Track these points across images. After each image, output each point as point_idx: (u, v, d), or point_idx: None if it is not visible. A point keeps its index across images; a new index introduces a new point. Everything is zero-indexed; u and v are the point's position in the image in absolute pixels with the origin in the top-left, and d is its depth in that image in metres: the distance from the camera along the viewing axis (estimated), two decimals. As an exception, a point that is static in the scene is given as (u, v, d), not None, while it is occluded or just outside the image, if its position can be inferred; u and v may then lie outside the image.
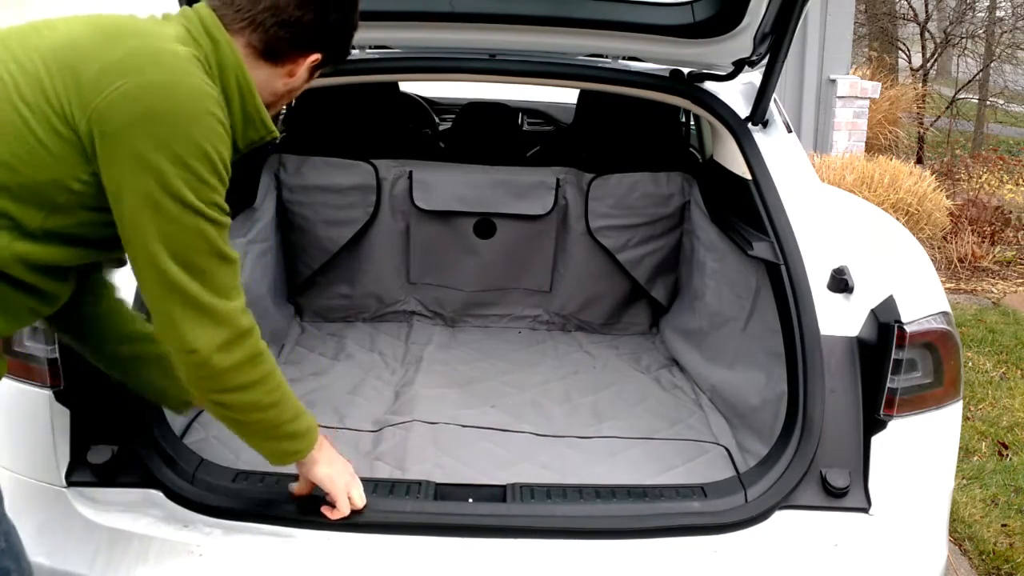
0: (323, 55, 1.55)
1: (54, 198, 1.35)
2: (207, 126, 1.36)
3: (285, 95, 1.58)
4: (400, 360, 2.90)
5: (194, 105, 1.35)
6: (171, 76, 1.35)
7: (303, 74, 1.56)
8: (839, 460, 1.87)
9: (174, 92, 1.34)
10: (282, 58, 1.52)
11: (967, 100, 12.26)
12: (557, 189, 3.18)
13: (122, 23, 1.41)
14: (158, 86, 1.33)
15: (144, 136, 1.31)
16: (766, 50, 2.31)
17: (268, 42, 1.49)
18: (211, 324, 1.41)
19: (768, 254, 2.16)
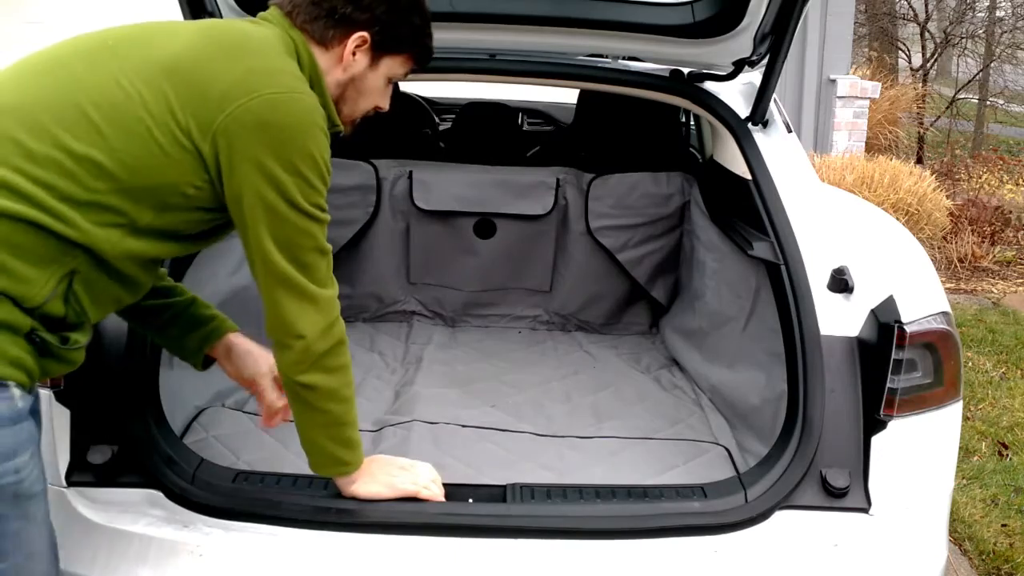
0: (371, 36, 1.56)
1: (166, 199, 1.45)
2: (316, 137, 1.47)
3: (350, 86, 1.61)
4: (400, 360, 2.90)
5: (306, 119, 1.46)
6: (286, 94, 1.45)
7: (360, 60, 1.58)
8: (839, 460, 1.87)
9: (289, 108, 1.44)
10: (327, 40, 1.56)
11: (967, 100, 12.26)
12: (557, 189, 3.18)
13: (237, 39, 1.50)
14: (276, 104, 1.43)
15: (264, 147, 1.43)
16: (766, 50, 2.31)
17: (311, 22, 1.55)
18: (314, 311, 1.53)
19: (768, 254, 2.16)
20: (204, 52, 1.46)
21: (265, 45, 1.50)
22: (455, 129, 3.60)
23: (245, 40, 1.50)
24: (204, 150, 1.43)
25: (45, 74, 1.44)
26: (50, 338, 1.39)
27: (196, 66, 1.43)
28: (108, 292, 1.48)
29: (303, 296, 1.53)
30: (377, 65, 1.61)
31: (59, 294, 1.38)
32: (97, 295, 1.45)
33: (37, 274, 1.36)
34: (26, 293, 1.35)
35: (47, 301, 1.37)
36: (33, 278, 1.35)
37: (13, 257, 1.34)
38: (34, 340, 1.37)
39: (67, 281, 1.39)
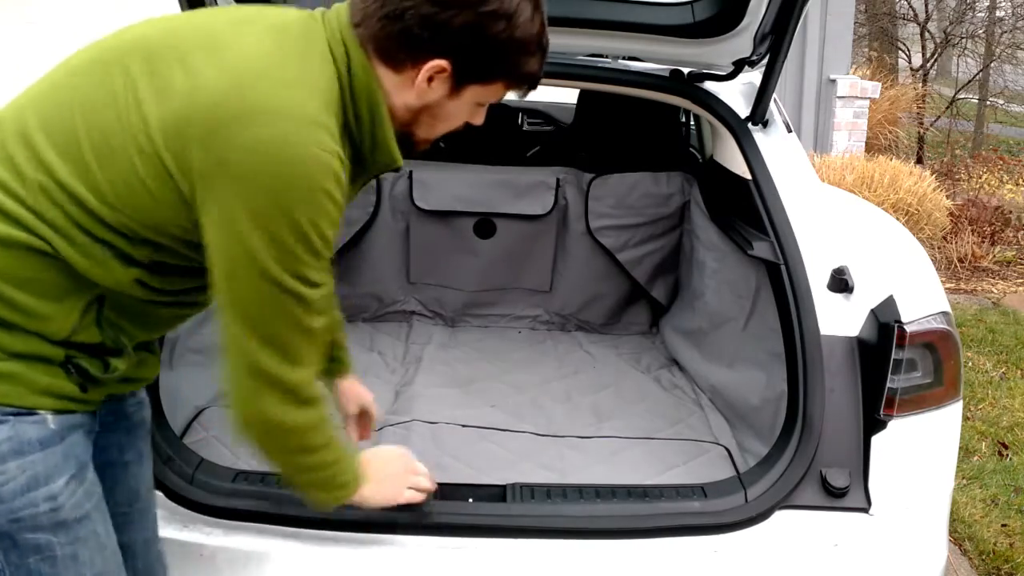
0: (451, 65, 1.29)
1: (158, 239, 1.28)
2: (314, 202, 1.22)
3: (424, 112, 1.36)
4: (400, 360, 2.90)
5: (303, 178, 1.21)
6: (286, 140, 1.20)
7: (438, 88, 1.32)
8: (839, 460, 1.87)
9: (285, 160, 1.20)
10: (397, 62, 1.30)
11: (967, 100, 12.26)
12: (557, 189, 3.18)
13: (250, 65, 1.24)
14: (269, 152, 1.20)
15: (240, 201, 1.21)
16: (766, 50, 2.31)
17: (378, 39, 1.29)
18: (275, 392, 1.32)
19: (768, 254, 2.16)
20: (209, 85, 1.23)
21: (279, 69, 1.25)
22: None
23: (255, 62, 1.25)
24: (184, 189, 1.23)
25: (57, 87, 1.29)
26: (90, 365, 1.29)
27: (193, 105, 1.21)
28: (154, 314, 1.36)
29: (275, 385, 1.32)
30: (460, 94, 1.35)
31: (89, 323, 1.28)
32: (139, 317, 1.34)
33: (53, 310, 1.25)
34: (47, 329, 1.25)
35: (75, 332, 1.27)
36: (50, 314, 1.25)
37: (21, 292, 1.23)
38: (71, 369, 1.28)
39: (95, 308, 1.29)
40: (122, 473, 1.50)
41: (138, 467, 1.52)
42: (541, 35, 1.34)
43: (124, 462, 1.51)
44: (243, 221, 1.21)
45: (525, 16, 1.29)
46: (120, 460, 1.50)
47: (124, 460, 1.51)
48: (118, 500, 1.48)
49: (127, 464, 1.51)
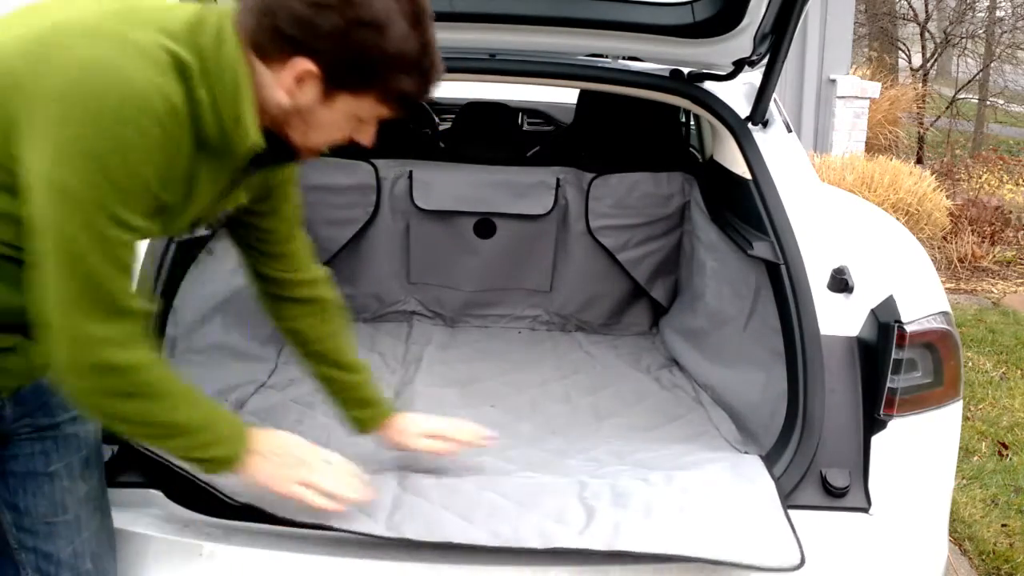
0: (318, 67, 1.27)
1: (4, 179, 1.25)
2: (121, 134, 1.19)
3: (295, 115, 1.34)
4: (400, 360, 2.90)
5: (119, 105, 1.18)
6: (109, 62, 1.19)
7: (308, 92, 1.30)
8: (839, 460, 1.87)
9: (102, 78, 1.18)
10: (267, 55, 1.29)
11: (967, 100, 12.26)
12: (557, 189, 3.18)
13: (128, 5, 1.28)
14: (88, 64, 1.18)
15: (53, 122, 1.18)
16: (766, 50, 2.32)
17: (252, 31, 1.28)
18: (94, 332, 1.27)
19: (768, 254, 2.16)
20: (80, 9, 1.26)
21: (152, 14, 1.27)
22: (455, 129, 3.60)
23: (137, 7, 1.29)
24: (10, 112, 1.20)
25: None
26: None
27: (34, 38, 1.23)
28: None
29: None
30: (331, 102, 1.32)
31: None
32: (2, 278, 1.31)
33: None
34: None
35: None
36: None
37: None
38: None
39: None
40: (47, 484, 1.49)
41: (68, 480, 1.49)
42: (422, 56, 1.31)
43: (49, 473, 1.49)
44: (53, 144, 1.18)
45: (399, 31, 1.27)
46: (44, 471, 1.49)
47: (49, 471, 1.49)
48: (41, 511, 1.49)
49: (52, 475, 1.50)
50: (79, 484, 1.52)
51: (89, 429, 1.55)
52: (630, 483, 1.81)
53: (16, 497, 1.49)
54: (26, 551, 1.51)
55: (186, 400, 1.41)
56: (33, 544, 1.51)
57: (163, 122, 1.22)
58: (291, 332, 1.81)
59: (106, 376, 1.29)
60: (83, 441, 1.54)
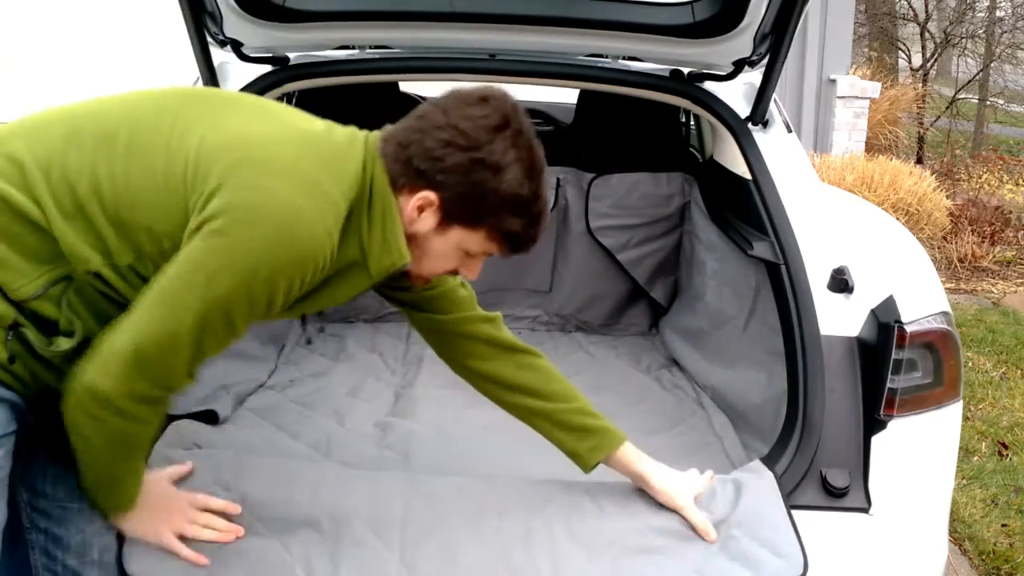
0: (439, 199, 1.43)
1: (144, 247, 1.38)
2: (284, 270, 1.34)
3: (413, 242, 1.48)
4: (400, 361, 2.90)
5: (293, 246, 1.33)
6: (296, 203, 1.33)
7: (426, 220, 1.45)
8: (839, 460, 1.87)
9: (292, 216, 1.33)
10: (397, 185, 1.45)
11: (967, 100, 12.25)
12: (557, 189, 3.18)
13: (325, 148, 1.43)
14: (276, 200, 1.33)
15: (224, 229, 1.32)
16: (766, 50, 2.32)
17: (389, 160, 1.45)
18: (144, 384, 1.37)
19: (768, 254, 2.16)
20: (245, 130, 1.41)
21: (305, 144, 1.42)
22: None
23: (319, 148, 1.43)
24: (189, 202, 1.35)
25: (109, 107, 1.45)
26: (33, 335, 1.37)
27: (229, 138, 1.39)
28: (110, 312, 1.41)
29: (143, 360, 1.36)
30: (445, 232, 1.48)
31: (52, 296, 1.37)
32: (98, 310, 1.41)
33: (29, 268, 1.35)
34: (13, 283, 1.34)
35: (35, 297, 1.36)
36: (24, 270, 1.35)
37: (7, 246, 1.34)
38: (16, 331, 1.36)
39: (62, 286, 1.37)
40: (70, 470, 1.52)
41: None
42: (532, 201, 1.45)
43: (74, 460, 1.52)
44: (224, 246, 1.31)
45: (514, 176, 1.42)
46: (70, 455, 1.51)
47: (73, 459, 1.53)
48: (59, 495, 1.54)
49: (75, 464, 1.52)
50: None
51: None
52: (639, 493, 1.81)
53: (37, 479, 1.54)
54: (37, 531, 1.55)
55: (134, 462, 1.51)
56: (45, 525, 1.55)
57: (322, 269, 1.39)
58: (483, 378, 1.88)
59: (116, 416, 1.37)
60: None
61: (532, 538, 1.68)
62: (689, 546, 1.69)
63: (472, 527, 1.69)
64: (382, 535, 1.66)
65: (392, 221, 1.44)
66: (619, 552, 1.67)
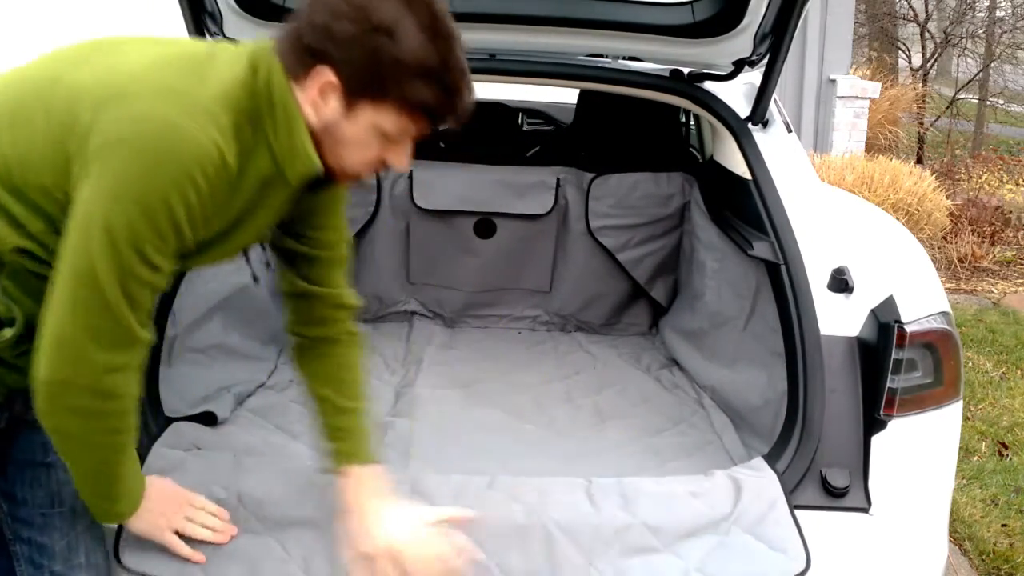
0: (337, 76, 1.32)
1: (48, 209, 1.33)
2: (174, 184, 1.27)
3: (325, 133, 1.38)
4: (400, 361, 2.90)
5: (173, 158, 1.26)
6: (166, 116, 1.26)
7: (332, 104, 1.34)
8: (839, 460, 1.87)
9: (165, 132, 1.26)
10: (297, 74, 1.35)
11: (967, 100, 12.25)
12: (557, 189, 3.18)
13: (156, 61, 1.34)
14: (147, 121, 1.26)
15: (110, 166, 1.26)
16: (766, 50, 2.32)
17: (283, 53, 1.35)
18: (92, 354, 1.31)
19: (768, 254, 2.16)
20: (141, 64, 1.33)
21: (180, 62, 1.34)
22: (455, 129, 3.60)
23: (195, 60, 1.35)
24: (71, 150, 1.29)
25: None
26: None
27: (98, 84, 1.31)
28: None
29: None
30: (354, 113, 1.36)
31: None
32: (37, 291, 1.34)
33: None
34: None
35: None
36: None
37: None
38: None
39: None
40: (43, 475, 1.50)
41: (64, 473, 1.48)
42: (441, 68, 1.34)
43: (47, 463, 1.51)
44: (109, 187, 1.26)
45: (412, 38, 1.31)
46: (43, 461, 1.50)
47: (47, 461, 1.51)
48: (38, 501, 1.51)
49: (49, 466, 1.51)
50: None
51: None
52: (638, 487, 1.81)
53: (14, 487, 1.51)
54: (21, 542, 1.53)
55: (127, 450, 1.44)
56: (28, 535, 1.52)
57: (215, 177, 1.30)
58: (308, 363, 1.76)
59: (90, 397, 1.32)
60: None
61: (530, 538, 1.67)
62: (690, 544, 1.69)
63: (470, 529, 1.68)
64: None
65: (295, 122, 1.35)
66: (618, 552, 1.67)
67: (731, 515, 1.74)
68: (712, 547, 1.69)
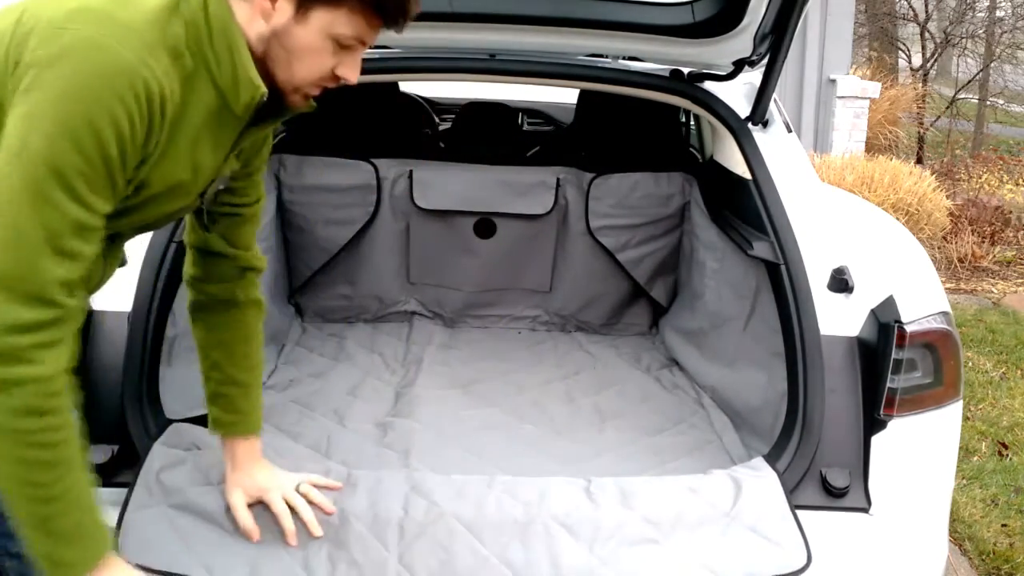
0: None
1: None
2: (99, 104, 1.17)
3: (274, 42, 1.32)
4: (400, 361, 2.90)
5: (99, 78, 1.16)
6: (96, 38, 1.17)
7: (283, 9, 1.29)
8: (839, 460, 1.87)
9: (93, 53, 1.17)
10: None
11: (967, 100, 12.26)
12: (557, 189, 3.18)
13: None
14: (79, 42, 1.17)
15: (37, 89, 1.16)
16: (766, 50, 2.32)
17: None
18: None
19: (768, 254, 2.16)
20: None
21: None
22: (455, 129, 3.61)
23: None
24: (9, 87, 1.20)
25: None
26: None
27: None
28: None
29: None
30: (306, 17, 1.30)
31: None
32: None
33: None
34: None
35: None
36: None
37: None
38: None
39: None
40: None
41: None
42: None
43: None
44: (27, 112, 1.16)
45: None
46: None
47: None
48: None
49: None
50: None
51: None
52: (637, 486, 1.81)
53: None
54: (9, 557, 1.44)
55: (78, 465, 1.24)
56: (16, 550, 1.40)
57: (148, 103, 1.21)
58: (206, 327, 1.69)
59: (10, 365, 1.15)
60: None
61: (530, 536, 1.68)
62: (690, 537, 1.69)
63: (470, 526, 1.69)
64: (381, 535, 1.66)
65: (237, 50, 1.28)
66: (618, 545, 1.67)
67: (731, 512, 1.74)
68: (712, 540, 1.69)
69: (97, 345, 1.91)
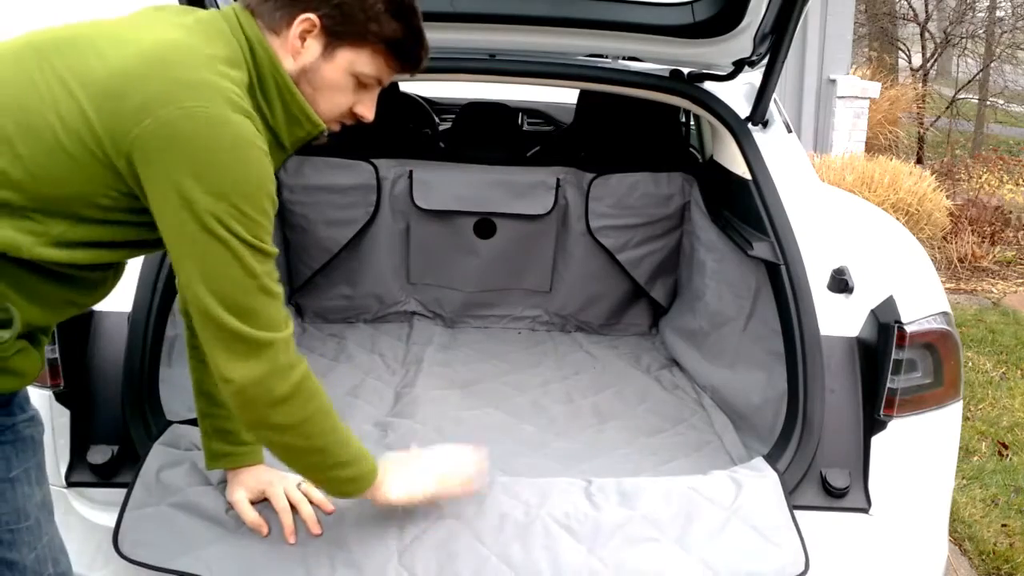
0: (319, 19, 1.39)
1: (79, 211, 1.32)
2: (247, 158, 1.31)
3: (302, 79, 1.43)
4: (401, 361, 2.90)
5: (230, 136, 1.29)
6: (208, 106, 1.28)
7: (311, 48, 1.41)
8: (839, 460, 1.87)
9: (212, 123, 1.28)
10: (275, 24, 1.41)
11: (967, 100, 12.24)
12: (557, 189, 3.18)
13: (168, 50, 1.33)
14: (195, 117, 1.27)
15: (182, 168, 1.28)
16: (766, 50, 2.32)
17: (260, 5, 1.41)
18: (250, 357, 1.37)
19: (768, 254, 2.16)
20: (131, 65, 1.30)
21: (198, 52, 1.34)
22: (455, 129, 3.61)
23: (176, 50, 1.33)
24: (120, 165, 1.29)
25: None
26: None
27: (116, 78, 1.30)
28: (51, 293, 1.36)
29: (240, 342, 1.35)
30: (332, 55, 1.43)
31: None
32: (34, 295, 1.34)
33: None
34: None
35: None
36: None
37: None
38: None
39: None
40: (8, 490, 1.45)
41: (27, 486, 1.46)
42: (409, 6, 1.44)
43: (10, 479, 1.45)
44: (190, 186, 1.28)
45: None
46: (5, 476, 1.45)
47: (10, 477, 1.45)
48: (5, 518, 1.45)
49: (13, 481, 1.45)
50: (36, 489, 1.49)
51: (40, 431, 1.52)
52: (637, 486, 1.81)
53: None
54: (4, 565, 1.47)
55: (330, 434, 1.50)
56: (11, 557, 1.45)
57: (259, 144, 1.34)
58: None
59: (281, 373, 1.39)
60: (37, 445, 1.50)
61: (530, 536, 1.68)
62: (690, 535, 1.69)
63: (471, 526, 1.69)
64: (381, 535, 1.66)
65: (289, 91, 1.41)
66: (619, 543, 1.67)
67: (731, 512, 1.74)
68: (712, 539, 1.69)
69: (97, 345, 1.91)
